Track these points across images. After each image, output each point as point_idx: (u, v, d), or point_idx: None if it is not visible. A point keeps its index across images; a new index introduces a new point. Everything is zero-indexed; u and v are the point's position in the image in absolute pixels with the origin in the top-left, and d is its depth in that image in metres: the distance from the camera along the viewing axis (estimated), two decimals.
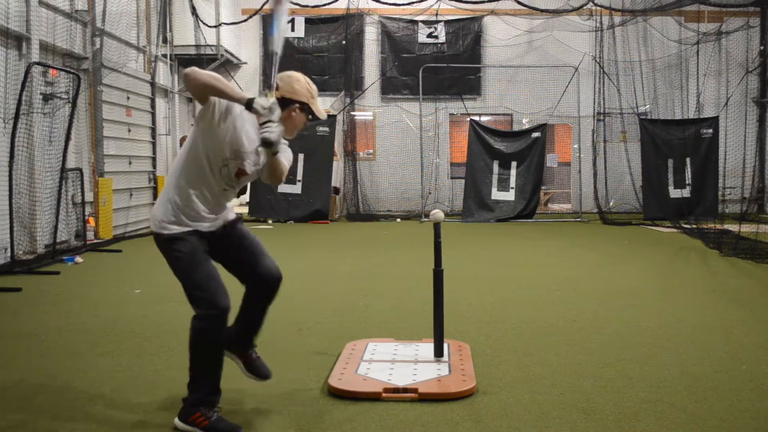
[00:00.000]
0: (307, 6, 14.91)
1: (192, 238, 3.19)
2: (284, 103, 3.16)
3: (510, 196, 14.64)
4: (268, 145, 3.03)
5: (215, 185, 3.20)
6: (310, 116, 3.32)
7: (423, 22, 16.19)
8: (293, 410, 3.39)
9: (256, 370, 3.48)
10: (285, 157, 3.30)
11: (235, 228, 3.38)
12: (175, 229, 3.17)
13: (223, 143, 3.12)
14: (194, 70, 2.98)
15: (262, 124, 3.02)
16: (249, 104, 2.98)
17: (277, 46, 3.10)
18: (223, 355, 3.27)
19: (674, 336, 4.76)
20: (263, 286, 3.36)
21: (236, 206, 11.74)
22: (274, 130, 3.00)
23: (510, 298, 6.16)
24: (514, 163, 14.70)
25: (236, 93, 3.02)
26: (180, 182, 3.18)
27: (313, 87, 3.33)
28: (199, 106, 3.14)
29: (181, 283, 3.19)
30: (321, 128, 14.26)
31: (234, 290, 3.23)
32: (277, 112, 3.01)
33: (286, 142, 3.35)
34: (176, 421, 3.20)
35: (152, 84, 13.22)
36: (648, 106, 15.68)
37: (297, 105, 3.23)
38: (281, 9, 3.14)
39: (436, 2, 15.34)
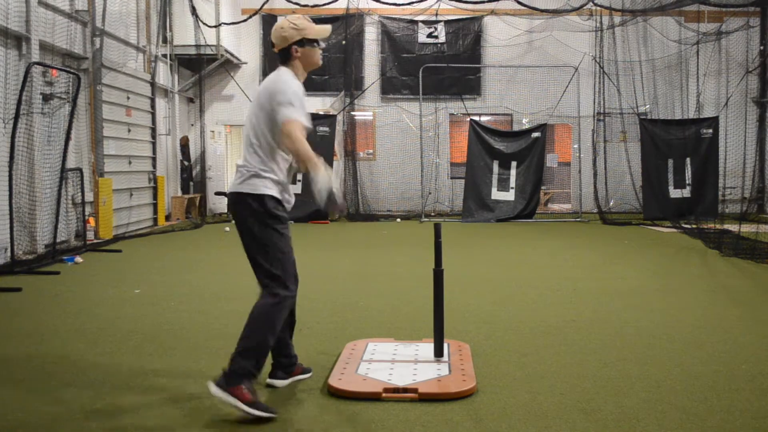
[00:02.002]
0: (307, 6, 14.91)
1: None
2: (291, 49, 3.32)
3: (510, 196, 14.64)
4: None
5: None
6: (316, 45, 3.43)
7: (423, 22, 16.19)
8: (293, 410, 3.39)
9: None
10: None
11: None
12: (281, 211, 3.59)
13: None
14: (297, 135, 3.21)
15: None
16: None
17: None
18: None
19: (674, 336, 4.76)
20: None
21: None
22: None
23: (510, 298, 6.16)
24: (514, 163, 14.70)
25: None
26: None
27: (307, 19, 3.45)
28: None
29: (264, 259, 3.40)
30: (321, 128, 14.24)
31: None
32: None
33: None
34: (215, 389, 3.18)
35: (152, 84, 13.23)
36: (648, 106, 15.68)
37: (315, 43, 3.39)
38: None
39: (436, 2, 15.34)
